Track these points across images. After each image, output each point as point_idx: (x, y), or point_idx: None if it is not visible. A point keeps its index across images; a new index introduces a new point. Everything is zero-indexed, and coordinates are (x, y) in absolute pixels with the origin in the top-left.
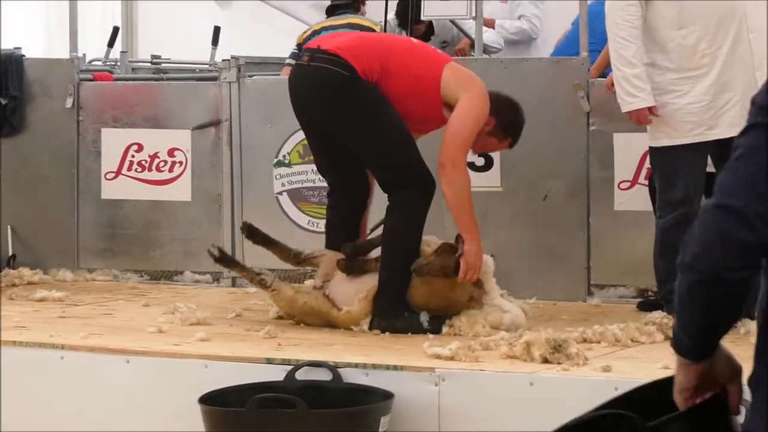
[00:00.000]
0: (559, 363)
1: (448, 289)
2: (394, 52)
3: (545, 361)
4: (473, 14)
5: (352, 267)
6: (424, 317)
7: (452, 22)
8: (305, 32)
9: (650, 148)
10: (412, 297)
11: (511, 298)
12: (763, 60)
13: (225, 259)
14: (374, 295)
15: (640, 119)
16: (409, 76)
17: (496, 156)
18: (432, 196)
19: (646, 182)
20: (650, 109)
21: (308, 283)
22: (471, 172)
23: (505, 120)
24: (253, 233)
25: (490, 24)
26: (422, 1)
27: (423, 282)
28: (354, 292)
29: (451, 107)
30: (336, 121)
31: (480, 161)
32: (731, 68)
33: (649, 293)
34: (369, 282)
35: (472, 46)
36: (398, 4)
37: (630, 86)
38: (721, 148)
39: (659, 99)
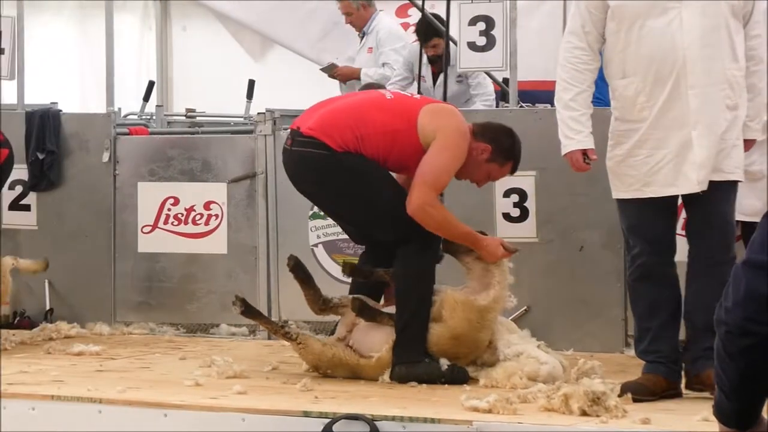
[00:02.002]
0: (597, 416)
1: (474, 332)
2: (367, 115)
3: (584, 413)
4: (508, 66)
5: (364, 311)
6: (444, 362)
7: (488, 74)
8: None
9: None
10: (435, 345)
11: (548, 349)
12: (700, 118)
13: (249, 311)
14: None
15: (573, 162)
16: (385, 134)
17: (531, 206)
18: (438, 245)
19: (683, 232)
20: (586, 153)
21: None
22: (507, 223)
23: (501, 145)
24: (298, 267)
25: (356, 73)
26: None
27: (446, 329)
28: (378, 341)
29: None
30: (327, 198)
31: (516, 212)
32: (665, 125)
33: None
34: (393, 331)
35: None
36: (418, 21)
37: (566, 128)
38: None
39: (611, 149)
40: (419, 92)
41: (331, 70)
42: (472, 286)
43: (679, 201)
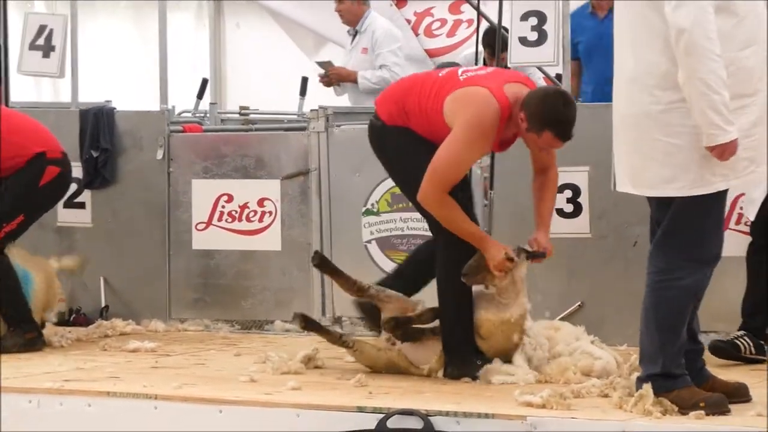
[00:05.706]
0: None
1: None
2: (412, 92)
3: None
4: (561, 61)
5: (407, 334)
6: (497, 362)
7: (540, 69)
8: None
9: (686, 198)
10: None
11: (602, 344)
12: None
13: (310, 325)
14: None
15: (731, 152)
16: (421, 115)
17: (584, 202)
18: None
19: (737, 227)
20: None
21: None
22: (560, 219)
23: (530, 112)
24: (323, 263)
25: (351, 76)
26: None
27: (487, 345)
28: (426, 353)
29: None
30: (385, 165)
31: (569, 208)
32: None
33: (733, 336)
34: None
35: None
36: (485, 35)
37: (727, 111)
38: None
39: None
40: None
41: (326, 68)
42: (498, 300)
43: None
